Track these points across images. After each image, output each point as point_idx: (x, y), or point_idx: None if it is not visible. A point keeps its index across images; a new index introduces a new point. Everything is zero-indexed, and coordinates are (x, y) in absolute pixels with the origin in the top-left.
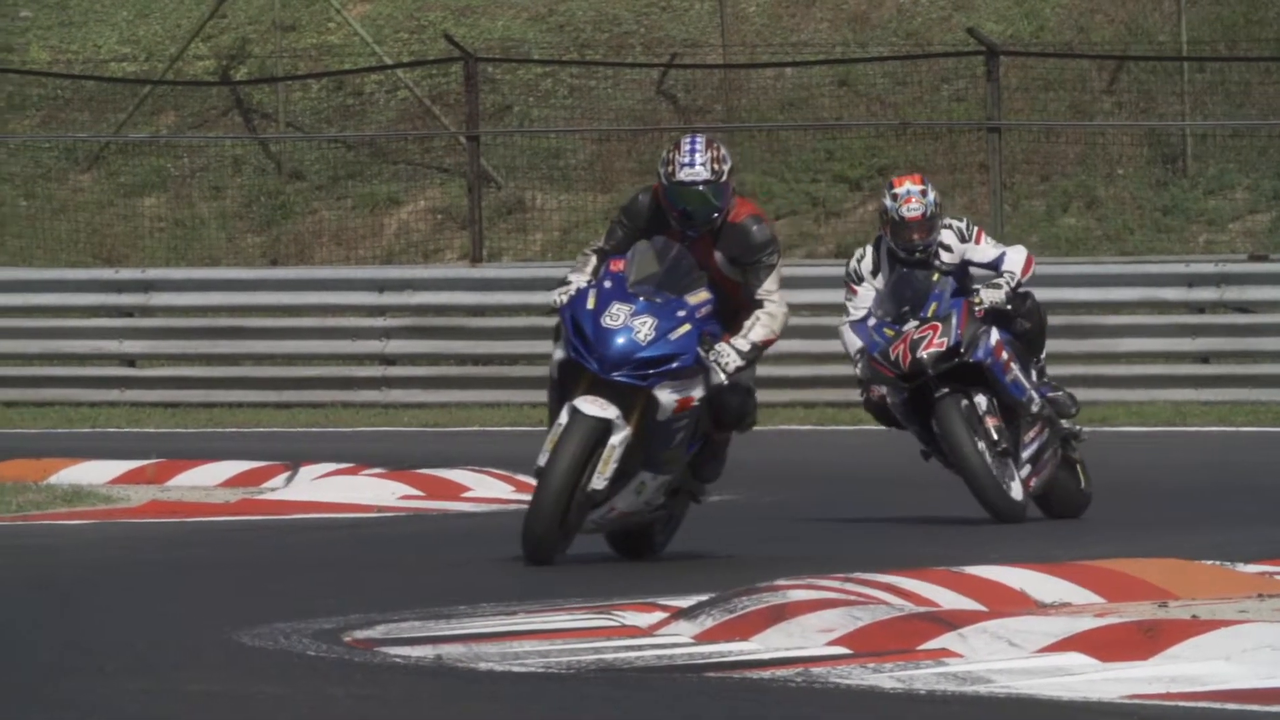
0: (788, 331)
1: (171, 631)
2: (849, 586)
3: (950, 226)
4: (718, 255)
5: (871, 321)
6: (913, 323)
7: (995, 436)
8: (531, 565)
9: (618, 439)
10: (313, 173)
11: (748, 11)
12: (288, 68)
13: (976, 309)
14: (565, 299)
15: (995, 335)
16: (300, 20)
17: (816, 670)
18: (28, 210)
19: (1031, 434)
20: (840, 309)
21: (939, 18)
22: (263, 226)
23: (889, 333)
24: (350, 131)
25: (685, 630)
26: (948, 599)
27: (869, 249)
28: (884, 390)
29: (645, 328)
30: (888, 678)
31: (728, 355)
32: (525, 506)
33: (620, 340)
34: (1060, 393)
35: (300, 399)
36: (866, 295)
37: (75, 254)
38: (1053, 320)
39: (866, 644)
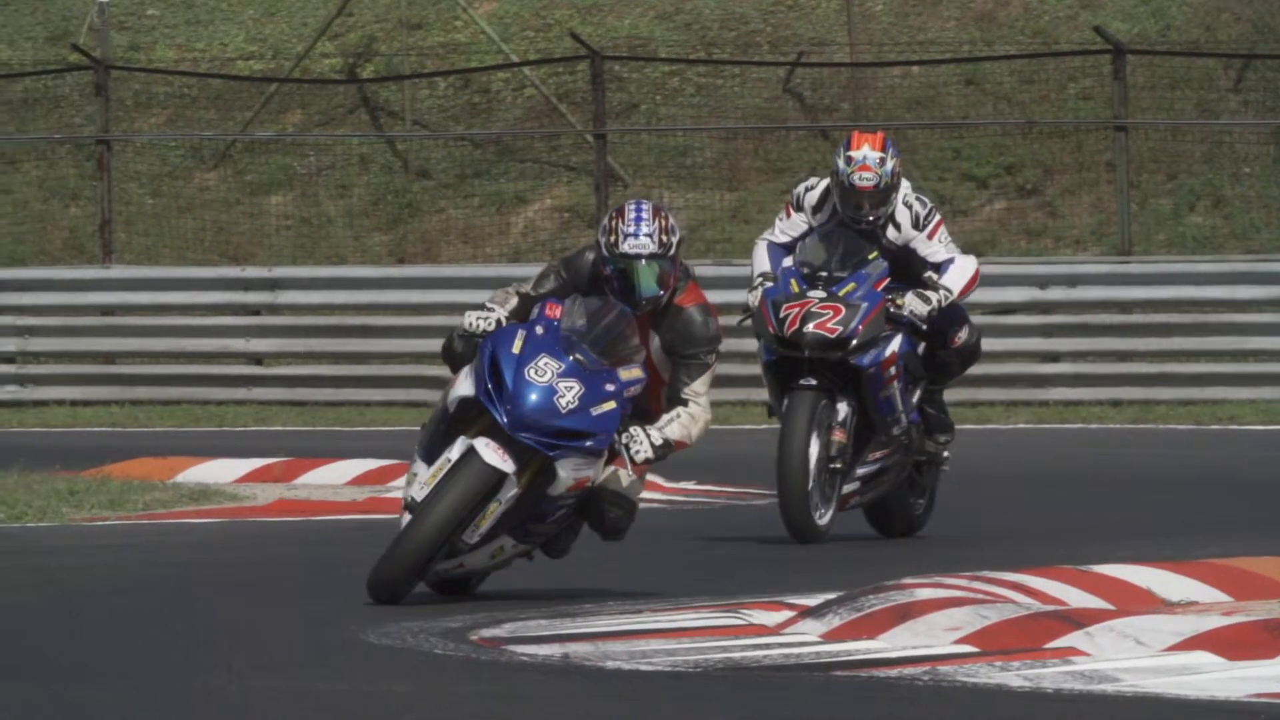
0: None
1: (299, 630)
2: (976, 585)
3: (910, 206)
4: (654, 339)
5: (788, 262)
6: (821, 292)
7: (834, 451)
8: (379, 604)
9: (506, 497)
10: (439, 171)
11: (874, 10)
12: (414, 66)
13: (892, 310)
14: (485, 326)
15: (894, 347)
16: (427, 18)
17: (944, 669)
18: (154, 209)
19: (879, 454)
20: None
21: (1066, 16)
22: (389, 225)
23: (795, 288)
24: (477, 129)
25: (812, 629)
26: (1075, 597)
27: (822, 183)
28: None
29: (570, 394)
30: (1015, 676)
31: (641, 444)
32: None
33: (539, 400)
34: (942, 430)
35: (428, 398)
36: (798, 224)
37: (202, 252)
38: (1179, 318)
39: (994, 642)
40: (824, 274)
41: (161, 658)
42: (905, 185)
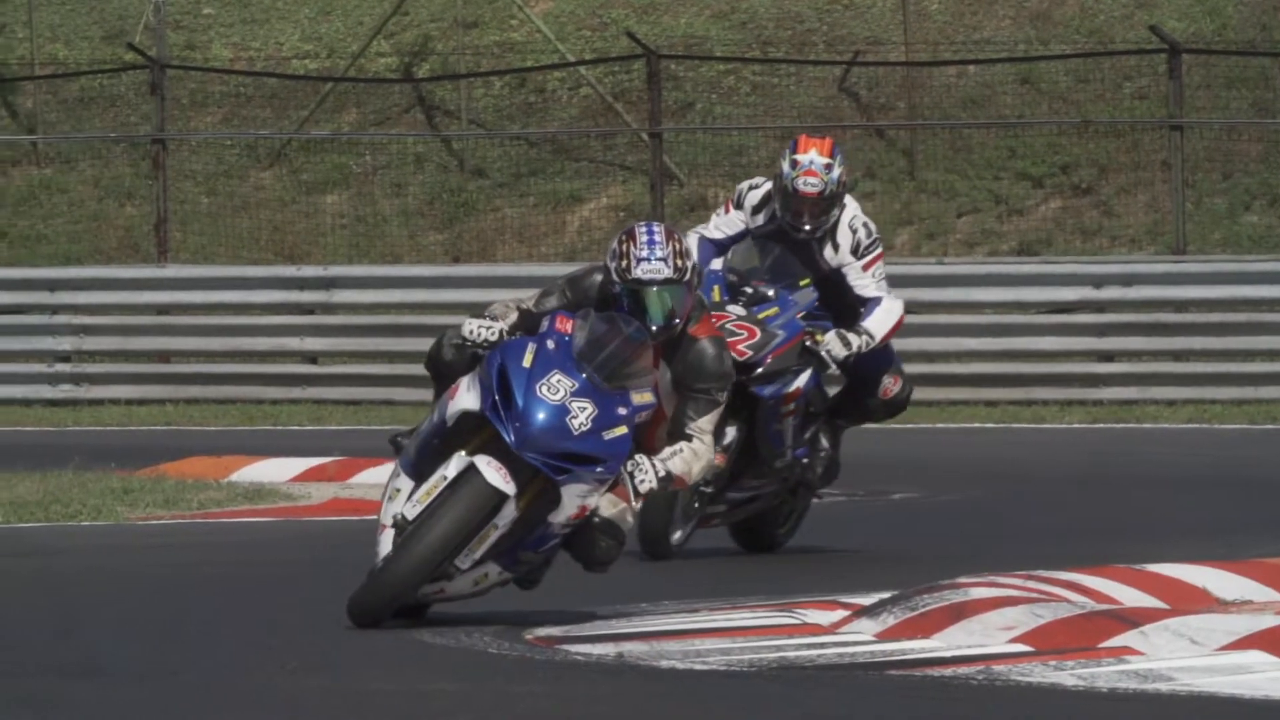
0: (968, 329)
1: (353, 629)
2: (1030, 584)
3: (855, 231)
4: (664, 371)
5: (717, 264)
6: (741, 309)
7: (709, 474)
8: (359, 627)
9: (504, 521)
10: (495, 170)
11: (930, 9)
12: (470, 65)
13: (808, 344)
14: (487, 336)
15: (799, 383)
16: (483, 17)
17: (998, 668)
18: (209, 207)
19: (756, 483)
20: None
21: (1121, 15)
22: (445, 224)
23: (716, 296)
24: (532, 129)
25: (867, 628)
26: (1129, 596)
27: (767, 184)
28: None
29: (582, 415)
30: (1069, 675)
31: (647, 474)
32: None
33: (550, 419)
34: (829, 475)
35: None
36: (735, 223)
37: (257, 251)
38: (1234, 317)
39: (1048, 641)
40: (749, 289)
41: (214, 657)
42: (856, 207)
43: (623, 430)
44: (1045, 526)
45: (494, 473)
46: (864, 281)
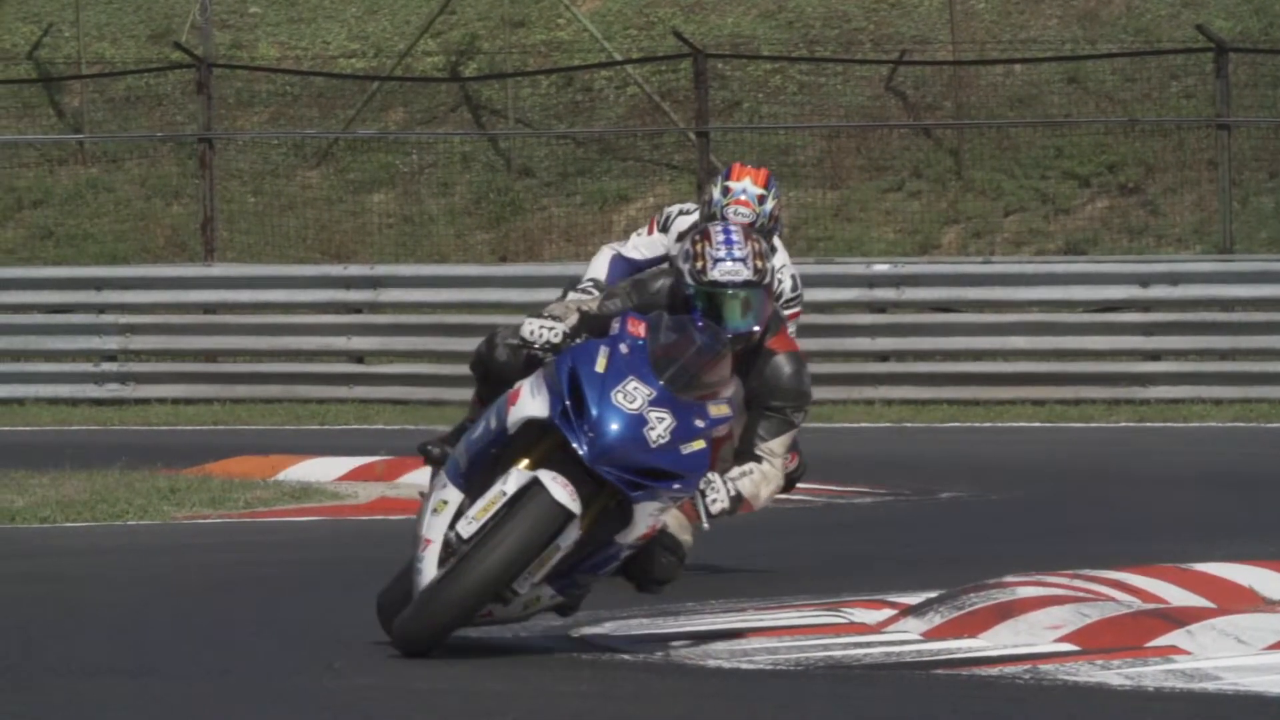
0: (1015, 328)
1: None
2: (1077, 583)
3: (781, 279)
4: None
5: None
6: None
7: None
8: (406, 657)
9: (567, 542)
10: (542, 169)
11: (977, 8)
12: (517, 64)
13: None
14: (549, 338)
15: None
16: (529, 16)
17: (1045, 667)
18: (256, 207)
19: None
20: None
21: (1168, 14)
22: (491, 223)
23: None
24: (579, 128)
25: (914, 627)
26: (1176, 596)
27: (698, 214)
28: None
29: (660, 426)
30: (1116, 675)
31: (719, 493)
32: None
33: (627, 430)
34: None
35: None
36: (656, 246)
37: (303, 250)
38: (1277, 316)
39: (1094, 641)
40: None
41: (262, 657)
42: (785, 255)
43: (701, 445)
44: (1091, 525)
45: (560, 489)
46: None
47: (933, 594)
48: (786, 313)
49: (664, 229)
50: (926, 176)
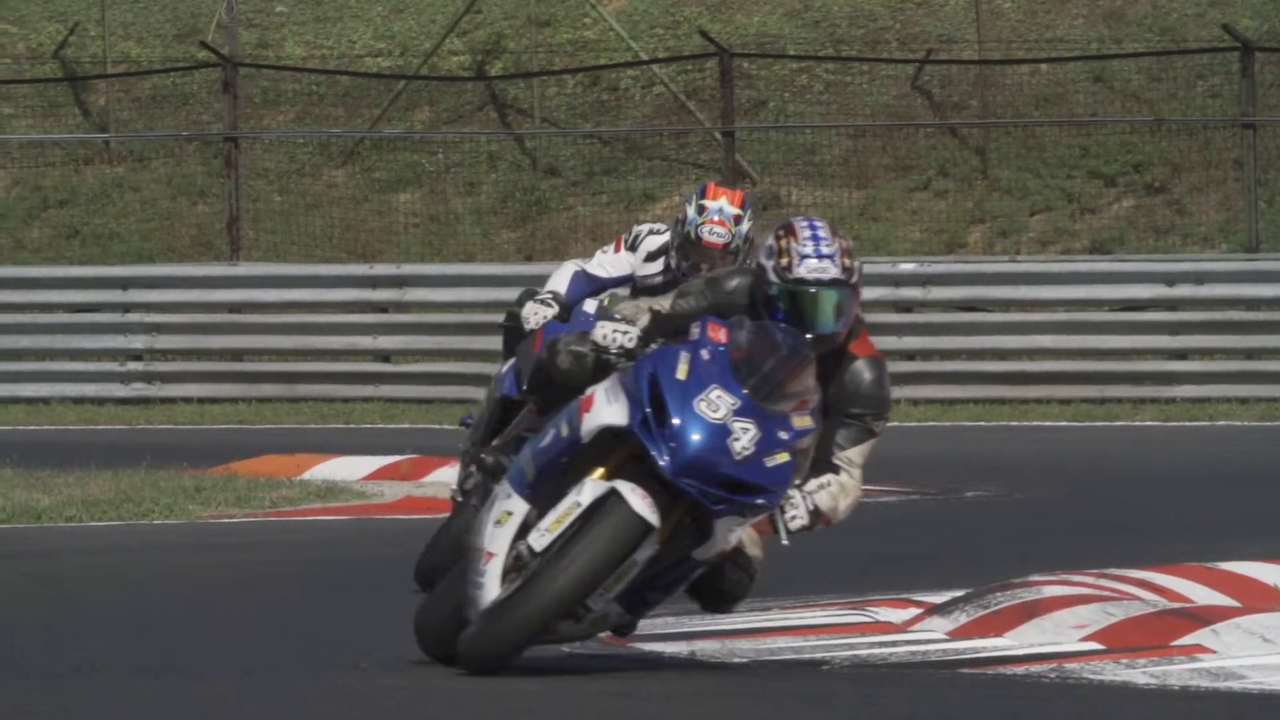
0: (1041, 327)
1: None
2: (1103, 582)
3: None
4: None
5: (590, 306)
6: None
7: None
8: (473, 675)
9: (644, 556)
10: (568, 168)
11: (1003, 7)
12: (543, 63)
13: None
14: (624, 342)
15: None
16: (555, 15)
17: (1070, 666)
18: (282, 206)
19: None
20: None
21: (1194, 14)
22: (518, 222)
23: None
24: (605, 127)
25: (939, 626)
26: (1201, 595)
27: (670, 235)
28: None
29: (745, 437)
30: (1141, 674)
31: (798, 508)
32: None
33: (711, 441)
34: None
35: None
36: (622, 265)
37: (329, 249)
38: None
39: (1120, 640)
40: None
41: (285, 656)
42: None
43: (785, 457)
44: (1117, 524)
45: (639, 500)
46: None
47: (958, 593)
48: None
49: (632, 248)
50: (952, 176)
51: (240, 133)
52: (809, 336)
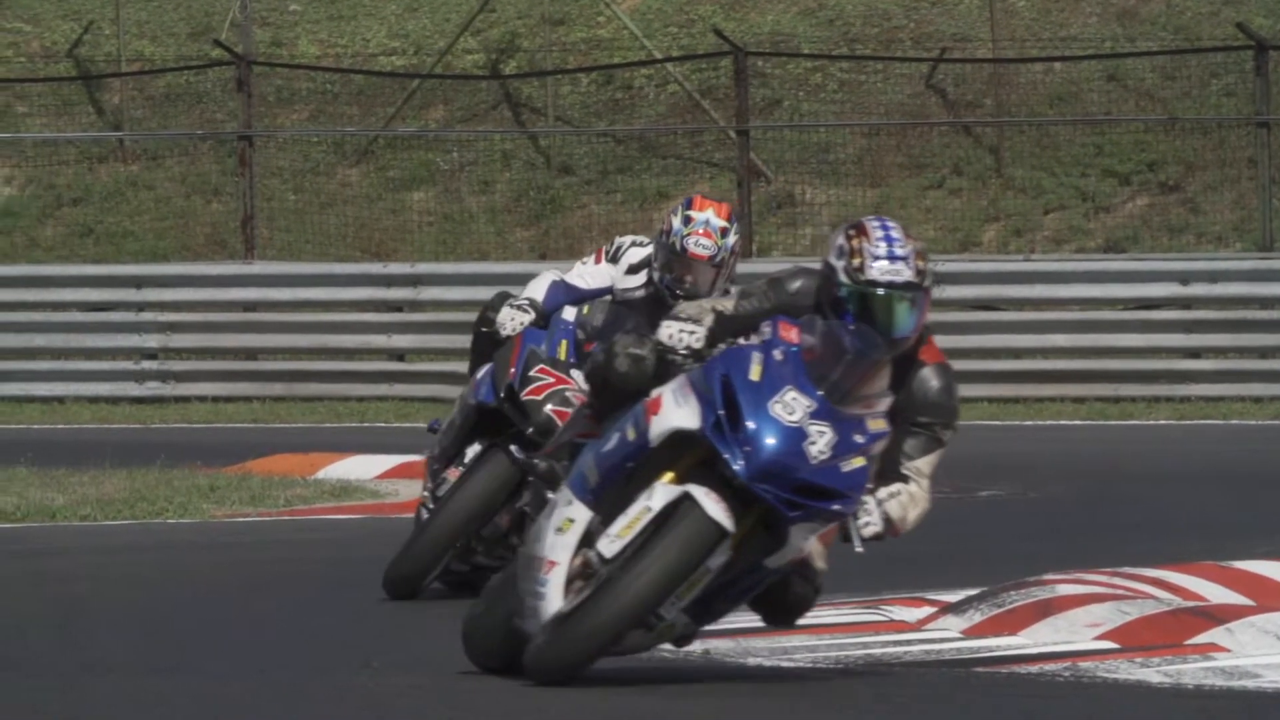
0: (1055, 325)
1: (439, 627)
2: (1117, 581)
3: None
4: None
5: (569, 314)
6: (583, 379)
7: (487, 531)
8: (540, 685)
9: (716, 564)
10: (582, 167)
11: (1017, 6)
12: (557, 61)
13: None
14: (691, 343)
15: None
16: (569, 14)
17: (1084, 665)
18: (296, 205)
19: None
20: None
21: (1208, 12)
22: (532, 221)
23: (562, 353)
24: (619, 126)
25: (953, 625)
26: (1215, 593)
27: (653, 246)
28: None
29: (821, 441)
30: (1155, 672)
31: (872, 515)
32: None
33: (787, 445)
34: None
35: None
36: (602, 277)
37: (343, 248)
38: None
39: (1134, 639)
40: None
41: (299, 655)
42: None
43: (861, 461)
44: (1132, 523)
45: (714, 504)
46: None
47: (972, 592)
48: None
49: (613, 259)
50: (967, 174)
51: (254, 131)
52: (894, 339)
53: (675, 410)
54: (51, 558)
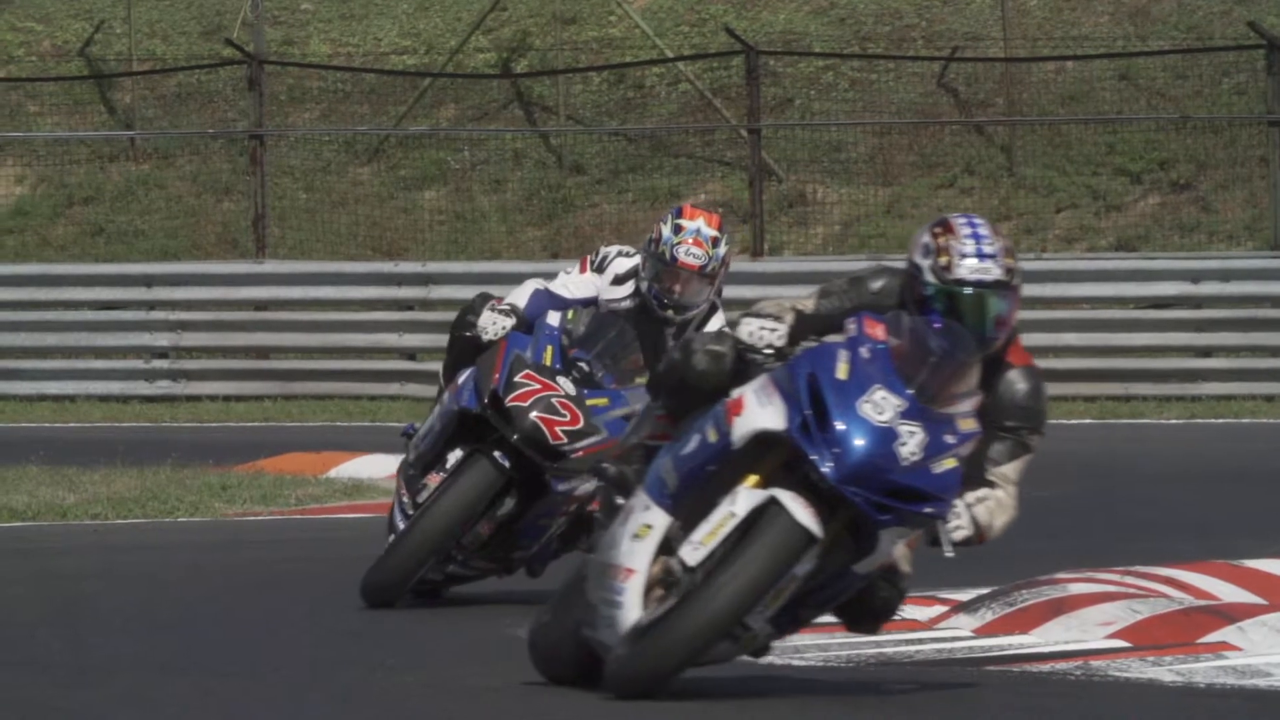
0: (1066, 324)
1: (449, 626)
2: (1128, 579)
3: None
4: None
5: (554, 319)
6: (571, 388)
7: (467, 540)
8: (626, 699)
9: (804, 570)
10: (593, 166)
11: (1029, 5)
12: (568, 60)
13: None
14: (773, 340)
15: (587, 488)
16: (581, 13)
17: (1096, 664)
18: (307, 204)
19: (486, 565)
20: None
21: (1219, 11)
22: (543, 220)
23: (547, 358)
24: (631, 125)
25: (965, 624)
26: (1227, 592)
27: (640, 258)
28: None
29: (913, 441)
30: (1167, 671)
31: (962, 519)
32: None
33: (877, 446)
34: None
35: None
36: (587, 287)
37: (355, 247)
38: None
39: (1146, 637)
40: (584, 364)
41: (313, 654)
42: (723, 318)
43: (953, 463)
44: (1143, 522)
45: (801, 509)
46: None
47: (984, 590)
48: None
49: (599, 269)
50: (978, 173)
51: (265, 130)
52: (985, 339)
53: (759, 411)
54: (62, 556)
